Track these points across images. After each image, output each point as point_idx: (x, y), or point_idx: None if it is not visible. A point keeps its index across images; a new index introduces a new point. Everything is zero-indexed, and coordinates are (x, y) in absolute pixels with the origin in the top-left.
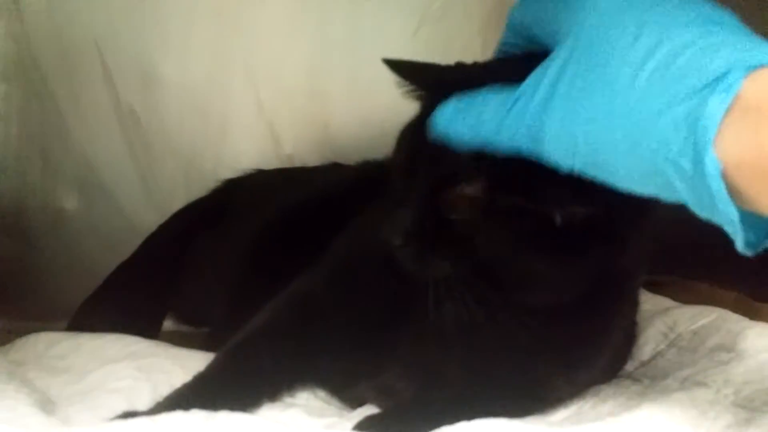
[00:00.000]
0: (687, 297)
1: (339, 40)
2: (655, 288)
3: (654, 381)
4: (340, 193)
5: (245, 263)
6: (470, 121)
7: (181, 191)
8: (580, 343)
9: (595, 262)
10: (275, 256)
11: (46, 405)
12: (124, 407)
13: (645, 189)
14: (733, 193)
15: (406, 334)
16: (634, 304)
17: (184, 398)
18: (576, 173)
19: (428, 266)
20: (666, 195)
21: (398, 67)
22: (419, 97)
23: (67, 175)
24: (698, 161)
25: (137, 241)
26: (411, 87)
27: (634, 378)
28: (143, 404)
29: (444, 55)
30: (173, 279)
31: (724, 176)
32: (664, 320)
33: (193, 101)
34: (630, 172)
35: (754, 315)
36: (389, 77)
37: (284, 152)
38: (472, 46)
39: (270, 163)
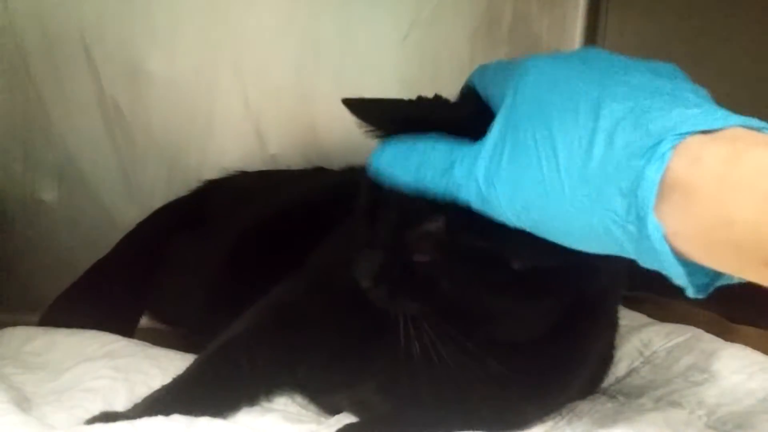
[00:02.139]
0: (662, 314)
1: (328, 41)
2: (631, 304)
3: (629, 398)
4: (322, 198)
5: (224, 265)
6: (412, 167)
7: (162, 187)
8: (552, 370)
9: (560, 298)
10: (254, 259)
11: (23, 403)
12: (101, 407)
13: (596, 249)
14: (679, 251)
15: (380, 351)
16: (612, 325)
17: (162, 401)
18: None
19: (398, 305)
20: (617, 252)
21: (355, 106)
22: (379, 137)
23: (48, 166)
24: (642, 227)
25: (116, 236)
26: (369, 127)
27: (609, 394)
28: (120, 404)
29: (433, 61)
30: (150, 277)
31: (667, 239)
32: (639, 337)
33: (178, 97)
34: (580, 234)
35: (727, 335)
36: (377, 81)
37: (269, 152)
38: (461, 52)
39: (254, 162)
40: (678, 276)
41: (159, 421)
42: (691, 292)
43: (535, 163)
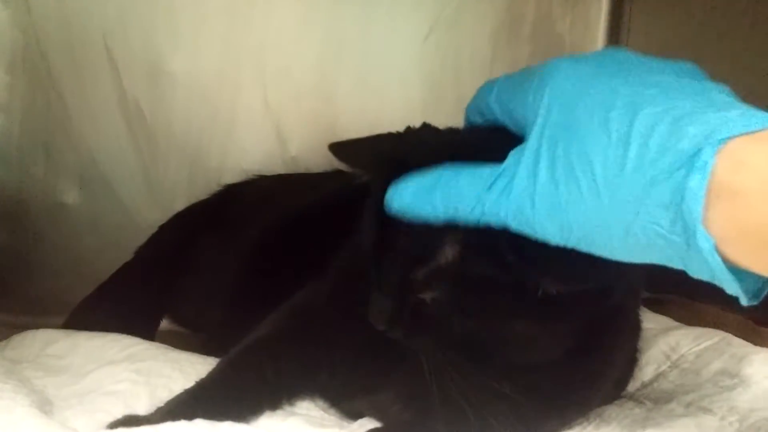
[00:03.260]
0: (689, 317)
1: (350, 41)
2: (657, 307)
3: (657, 404)
4: (345, 202)
5: (244, 269)
6: (438, 201)
7: (184, 188)
8: (572, 387)
9: (581, 317)
10: (275, 263)
11: (44, 406)
12: (122, 411)
13: (641, 259)
14: (727, 258)
15: (400, 359)
16: (634, 329)
17: (184, 405)
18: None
19: (414, 344)
20: (663, 263)
21: (342, 151)
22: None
23: (70, 168)
24: (691, 239)
25: (138, 237)
26: (359, 171)
27: (636, 400)
28: (142, 408)
29: (455, 60)
30: (171, 281)
31: (718, 249)
32: (666, 341)
33: (200, 98)
34: (626, 248)
35: (757, 339)
36: (398, 81)
37: (289, 154)
38: (482, 51)
39: (275, 164)
40: (730, 285)
41: (181, 425)
42: (744, 301)
43: (573, 175)
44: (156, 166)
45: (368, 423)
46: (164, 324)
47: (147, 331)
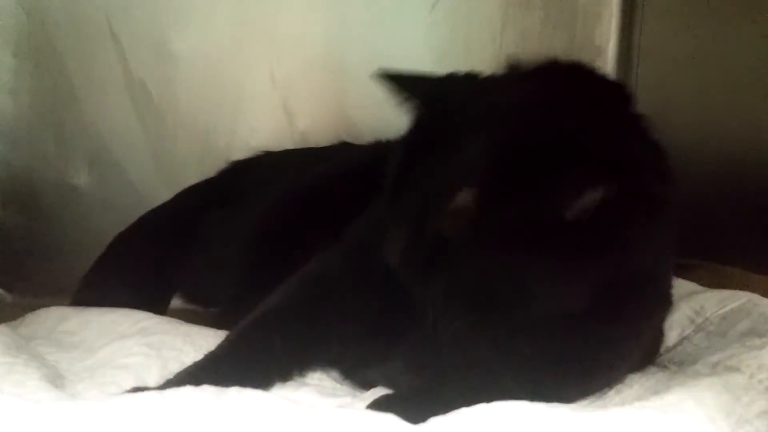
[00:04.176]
0: (715, 281)
1: (356, 13)
2: (683, 272)
3: (682, 367)
4: (352, 174)
5: (255, 243)
6: None
7: (193, 167)
8: (596, 352)
9: (601, 265)
10: (285, 236)
11: (56, 380)
12: (133, 383)
13: None
14: None
15: (409, 328)
16: (665, 304)
17: (194, 377)
18: None
19: (426, 285)
20: None
21: (392, 78)
22: (412, 109)
23: (79, 150)
24: None
25: None
26: (405, 97)
27: (659, 365)
28: (153, 381)
29: (464, 29)
30: (180, 257)
31: None
32: (690, 305)
33: (207, 76)
34: None
35: None
36: (407, 53)
37: (298, 129)
38: (493, 19)
39: (284, 140)
40: None
41: (188, 390)
42: None
43: None
44: (165, 146)
45: (381, 392)
46: (177, 304)
47: (159, 306)
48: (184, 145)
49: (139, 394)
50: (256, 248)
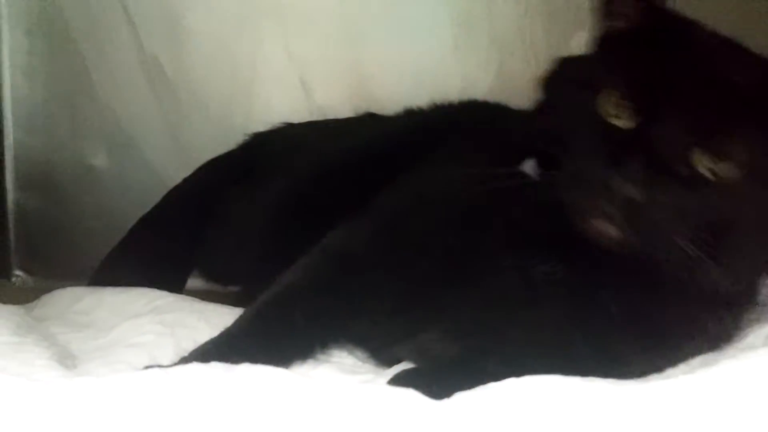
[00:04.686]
0: None
1: None
2: None
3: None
4: (381, 146)
5: (277, 219)
6: None
7: (210, 145)
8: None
9: None
10: (308, 211)
11: (66, 359)
12: (146, 362)
13: None
14: None
15: (451, 297)
16: None
17: (207, 355)
18: None
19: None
20: None
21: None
22: None
23: (95, 130)
24: None
25: None
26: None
27: None
28: (166, 359)
29: (481, 6)
30: (199, 234)
31: None
32: None
33: (220, 51)
34: None
35: None
36: (426, 21)
37: (316, 103)
38: None
39: (301, 115)
40: None
41: (195, 367)
42: None
43: None
44: (180, 125)
45: (405, 368)
46: (197, 284)
47: (176, 284)
48: (200, 123)
49: (142, 372)
50: (279, 224)
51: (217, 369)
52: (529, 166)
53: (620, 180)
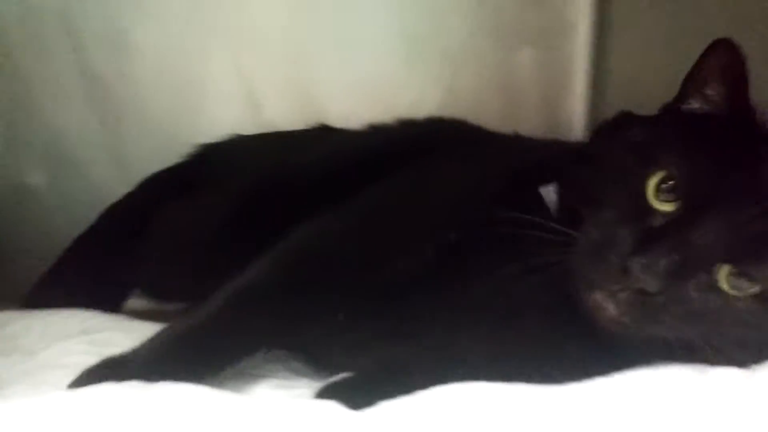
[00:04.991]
0: None
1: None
2: None
3: None
4: (342, 159)
5: (225, 232)
6: None
7: (155, 163)
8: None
9: None
10: (259, 223)
11: None
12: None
13: None
14: None
15: (390, 308)
16: None
17: (167, 347)
18: None
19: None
20: None
21: None
22: None
23: (34, 148)
24: None
25: None
26: None
27: None
28: None
29: (437, 10)
30: (139, 250)
31: None
32: None
33: (166, 67)
34: None
35: None
36: (376, 36)
37: (265, 118)
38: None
39: (250, 130)
40: None
41: (109, 388)
42: None
43: None
44: (125, 142)
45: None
46: (144, 304)
47: (114, 304)
48: (145, 141)
49: (51, 395)
50: (227, 237)
51: (133, 389)
52: (548, 192)
53: (641, 268)
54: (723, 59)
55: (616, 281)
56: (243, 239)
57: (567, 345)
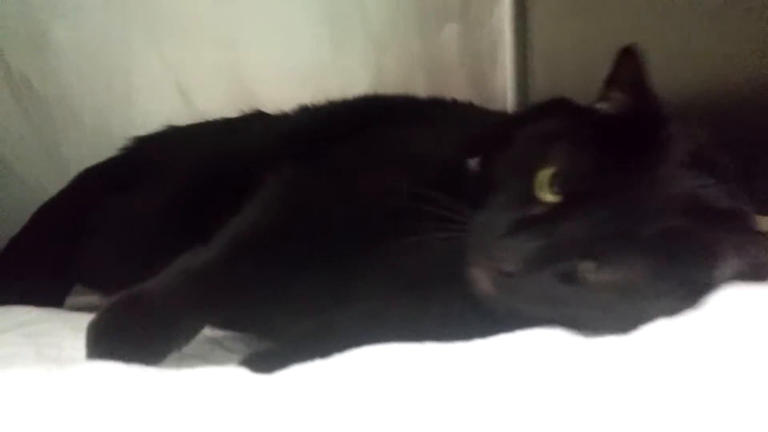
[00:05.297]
0: None
1: None
2: None
3: None
4: (274, 142)
5: (166, 220)
6: None
7: (88, 158)
8: None
9: None
10: (200, 211)
11: None
12: None
13: None
14: None
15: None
16: None
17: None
18: None
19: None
20: None
21: None
22: None
23: None
24: None
25: None
26: None
27: None
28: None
29: (354, 4)
30: (78, 247)
31: None
32: None
33: (91, 64)
34: None
35: None
36: (302, 21)
37: (196, 109)
38: None
39: (182, 121)
40: None
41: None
42: None
43: None
44: (55, 140)
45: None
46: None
47: (55, 300)
48: (75, 137)
49: None
50: (167, 226)
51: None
52: (473, 165)
53: (504, 250)
54: (625, 66)
55: (486, 259)
56: (183, 226)
57: (466, 312)
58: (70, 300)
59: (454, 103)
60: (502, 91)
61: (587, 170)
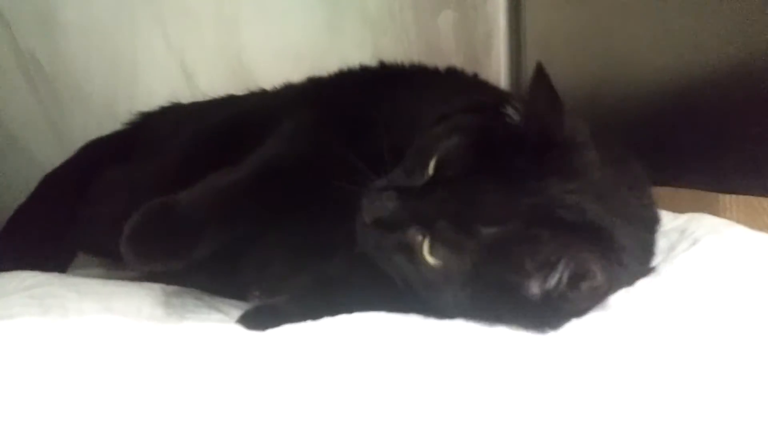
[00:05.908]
0: None
1: None
2: None
3: None
4: (254, 113)
5: (166, 186)
6: None
7: (94, 136)
8: None
9: None
10: (191, 176)
11: None
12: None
13: None
14: None
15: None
16: None
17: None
18: None
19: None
20: None
21: None
22: None
23: None
24: None
25: None
26: None
27: None
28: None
29: None
30: (81, 214)
31: None
32: None
33: (98, 44)
34: None
35: None
36: (298, 4)
37: (199, 89)
38: None
39: (184, 99)
40: None
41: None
42: None
43: None
44: (63, 118)
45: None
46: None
47: (60, 266)
48: (82, 114)
49: None
50: (163, 191)
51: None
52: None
53: (368, 201)
54: (534, 82)
55: (364, 207)
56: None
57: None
58: (72, 272)
59: (451, 74)
60: (496, 76)
61: (457, 160)
